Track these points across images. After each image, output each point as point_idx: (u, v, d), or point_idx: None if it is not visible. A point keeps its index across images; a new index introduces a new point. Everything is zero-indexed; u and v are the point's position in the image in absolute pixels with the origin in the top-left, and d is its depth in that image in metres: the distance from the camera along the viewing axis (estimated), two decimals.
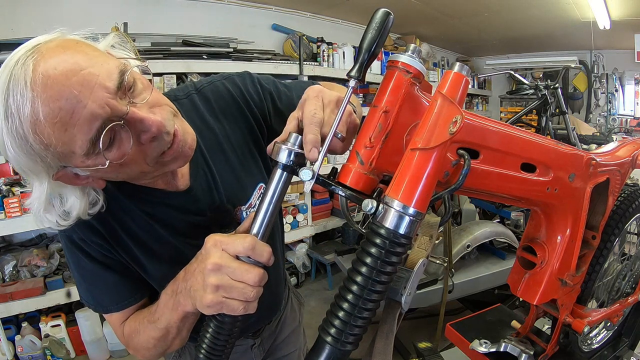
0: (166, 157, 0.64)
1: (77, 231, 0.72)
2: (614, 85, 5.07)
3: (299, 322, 1.21)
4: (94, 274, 0.76)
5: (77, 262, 0.76)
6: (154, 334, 0.72)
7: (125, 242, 0.76)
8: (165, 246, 0.79)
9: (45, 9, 2.50)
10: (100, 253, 0.75)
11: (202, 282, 0.58)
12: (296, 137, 0.56)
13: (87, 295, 0.80)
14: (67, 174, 0.61)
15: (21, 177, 2.34)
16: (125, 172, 0.63)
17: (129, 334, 0.78)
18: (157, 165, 0.65)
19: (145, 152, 0.62)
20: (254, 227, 0.60)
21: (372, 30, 0.53)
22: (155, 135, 0.60)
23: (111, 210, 0.73)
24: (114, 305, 0.78)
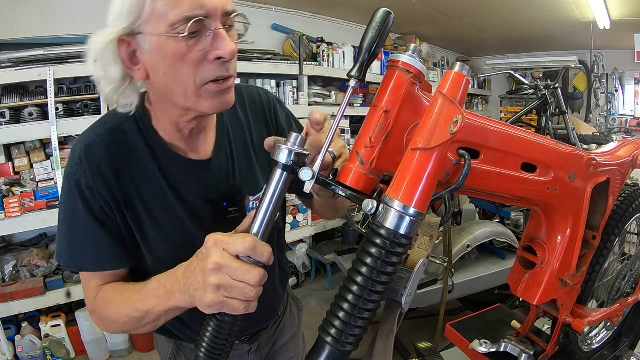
0: (211, 87, 0.68)
1: (88, 177, 0.72)
2: (614, 85, 5.07)
3: (297, 328, 1.19)
4: (84, 227, 0.74)
5: (73, 209, 0.74)
6: (129, 312, 0.71)
7: (133, 202, 0.76)
8: (170, 215, 0.79)
9: (45, 9, 2.50)
10: (101, 208, 0.74)
11: (203, 281, 0.58)
12: (296, 137, 0.56)
13: (65, 249, 0.77)
14: (131, 43, 0.66)
15: (21, 177, 2.34)
16: (178, 74, 0.65)
17: (101, 301, 0.77)
18: (198, 94, 0.68)
19: (203, 68, 0.66)
20: (254, 227, 0.60)
21: (373, 30, 0.53)
22: (224, 57, 0.65)
23: (129, 167, 0.76)
24: (92, 264, 0.76)
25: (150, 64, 0.68)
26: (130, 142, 0.77)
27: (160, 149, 0.79)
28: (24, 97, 2.33)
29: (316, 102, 3.56)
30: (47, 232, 2.65)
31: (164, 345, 1.02)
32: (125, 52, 0.67)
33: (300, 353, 1.19)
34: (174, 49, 0.63)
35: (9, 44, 2.36)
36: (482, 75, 4.96)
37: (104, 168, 0.74)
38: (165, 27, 0.62)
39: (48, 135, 2.30)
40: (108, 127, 0.78)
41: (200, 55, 0.65)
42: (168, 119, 0.76)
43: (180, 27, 0.62)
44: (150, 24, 0.63)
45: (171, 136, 0.79)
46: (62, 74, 2.31)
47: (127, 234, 0.78)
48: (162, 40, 0.63)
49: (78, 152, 0.75)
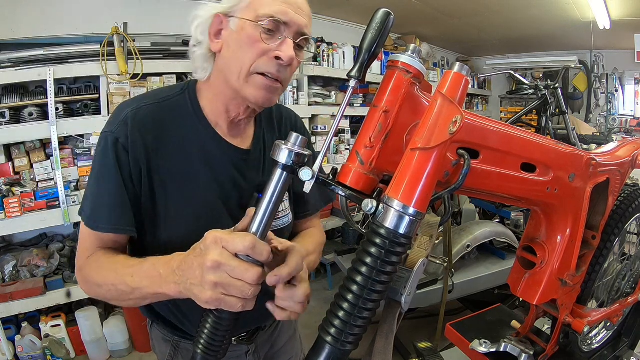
0: (259, 79, 0.77)
1: (128, 139, 0.77)
2: (614, 85, 5.07)
3: (294, 330, 1.19)
4: (110, 186, 0.78)
5: (104, 166, 0.78)
6: (116, 283, 0.71)
7: (166, 173, 0.81)
8: (200, 192, 0.83)
9: (45, 9, 2.50)
10: (130, 172, 0.78)
11: (201, 278, 0.58)
12: (296, 137, 0.56)
13: (88, 206, 0.80)
14: (223, 21, 0.80)
15: (21, 177, 2.34)
16: (241, 53, 0.77)
17: (91, 262, 0.78)
18: (246, 79, 0.78)
19: (261, 59, 0.76)
20: (253, 226, 0.60)
21: (373, 30, 0.53)
22: (282, 58, 0.76)
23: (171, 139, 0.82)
24: (107, 224, 0.78)
25: (227, 40, 0.79)
26: (176, 116, 0.84)
27: (205, 127, 0.85)
28: (24, 97, 2.33)
29: (316, 102, 3.56)
30: (47, 232, 2.65)
31: (161, 348, 1.01)
32: (215, 26, 0.80)
33: (299, 354, 1.19)
34: (250, 33, 0.76)
35: (9, 44, 2.36)
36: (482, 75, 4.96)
37: (145, 135, 0.79)
38: (252, 16, 0.76)
39: (48, 135, 2.30)
40: (159, 98, 0.85)
41: (265, 48, 0.76)
42: (221, 99, 0.84)
43: (263, 21, 0.75)
44: (244, 11, 0.77)
45: (217, 116, 0.86)
46: (62, 74, 2.32)
47: (147, 203, 0.81)
48: (245, 24, 0.76)
49: (125, 114, 0.79)
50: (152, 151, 0.80)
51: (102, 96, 2.48)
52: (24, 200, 2.25)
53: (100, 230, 0.79)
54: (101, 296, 0.77)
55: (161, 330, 0.99)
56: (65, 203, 2.35)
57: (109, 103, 2.47)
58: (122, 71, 2.45)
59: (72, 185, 2.45)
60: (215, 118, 0.86)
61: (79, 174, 2.49)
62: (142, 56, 2.54)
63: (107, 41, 2.44)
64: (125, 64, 2.46)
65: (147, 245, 0.84)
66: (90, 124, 2.43)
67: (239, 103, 0.83)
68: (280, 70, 0.78)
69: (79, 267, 0.81)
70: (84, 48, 2.44)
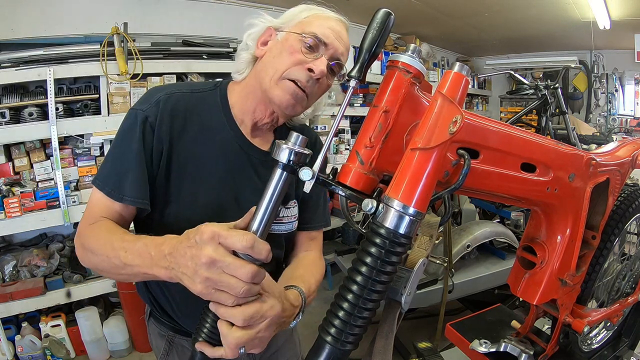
0: (288, 83, 0.83)
1: (157, 119, 0.82)
2: (614, 85, 5.07)
3: (292, 331, 1.18)
4: (135, 159, 0.81)
5: (131, 140, 0.82)
6: (110, 256, 0.72)
7: (186, 158, 0.86)
8: (213, 181, 0.88)
9: (45, 9, 2.50)
10: (152, 150, 0.83)
11: (193, 270, 0.57)
12: (297, 137, 0.56)
13: (112, 177, 0.82)
14: (272, 33, 0.90)
15: (21, 177, 2.34)
16: (279, 59, 0.84)
17: (92, 230, 0.79)
18: (277, 82, 0.84)
19: (295, 67, 0.83)
20: (253, 224, 0.60)
21: (373, 30, 0.53)
22: (313, 70, 0.82)
23: (197, 127, 0.87)
24: (132, 196, 0.81)
25: (271, 48, 0.88)
26: (205, 108, 0.90)
27: (230, 122, 0.91)
28: (24, 97, 2.33)
29: None
30: (47, 232, 2.65)
31: (157, 343, 1.03)
32: (265, 36, 0.90)
33: (298, 355, 1.18)
34: (293, 43, 0.84)
35: (9, 44, 2.36)
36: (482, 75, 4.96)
37: (173, 119, 0.85)
38: (299, 31, 0.85)
39: (48, 135, 2.30)
40: (192, 89, 0.91)
41: (301, 59, 0.83)
42: (251, 99, 0.90)
43: (307, 36, 0.84)
44: (293, 27, 0.87)
45: (244, 114, 0.92)
46: (62, 74, 2.31)
47: (162, 183, 0.85)
48: (291, 36, 0.85)
49: (158, 96, 0.85)
50: (177, 135, 0.85)
51: (102, 96, 2.47)
52: (24, 200, 2.25)
53: (123, 201, 0.81)
54: (94, 265, 0.78)
55: (157, 325, 1.02)
56: (65, 203, 2.35)
57: (109, 103, 2.47)
58: (122, 71, 2.45)
59: (72, 185, 2.45)
60: (241, 116, 0.92)
61: (79, 174, 2.49)
62: (142, 56, 2.54)
63: (107, 41, 2.43)
64: (125, 64, 2.46)
65: (154, 222, 0.87)
66: (90, 124, 2.43)
67: (266, 106, 0.89)
68: (310, 82, 0.83)
69: (79, 233, 0.82)
70: (84, 48, 2.44)
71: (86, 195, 2.47)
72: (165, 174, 0.85)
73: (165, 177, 0.85)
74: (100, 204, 0.83)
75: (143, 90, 2.56)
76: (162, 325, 1.00)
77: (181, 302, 0.93)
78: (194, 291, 0.58)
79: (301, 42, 0.84)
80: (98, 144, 2.50)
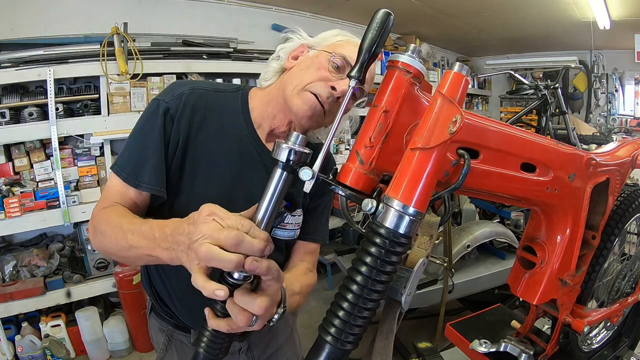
0: (308, 95, 0.86)
1: (178, 111, 0.86)
2: (614, 85, 5.07)
3: (291, 330, 1.19)
4: (155, 147, 0.84)
5: (152, 128, 0.85)
6: (118, 237, 0.73)
7: (201, 153, 0.88)
8: (225, 179, 0.90)
9: (45, 9, 2.50)
10: (169, 140, 0.86)
11: (187, 246, 0.57)
12: (297, 136, 0.56)
13: (131, 163, 0.85)
14: (304, 51, 0.94)
15: (21, 177, 2.34)
16: (305, 73, 0.88)
17: (106, 212, 0.80)
18: (298, 93, 0.87)
19: (318, 83, 0.86)
20: (255, 219, 0.59)
21: (373, 30, 0.53)
22: (335, 88, 0.85)
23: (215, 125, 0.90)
24: (150, 183, 0.84)
25: (300, 62, 0.92)
26: (225, 108, 0.93)
27: (248, 125, 0.94)
28: (24, 97, 2.33)
29: None
30: (47, 232, 2.65)
31: (157, 338, 1.05)
32: (297, 51, 0.94)
33: (298, 355, 1.19)
34: (321, 60, 0.88)
35: (9, 44, 2.36)
36: (482, 75, 4.96)
37: (194, 113, 0.88)
38: (330, 50, 0.89)
39: (48, 135, 2.30)
40: (215, 88, 0.95)
41: (326, 76, 0.87)
42: (272, 105, 0.93)
43: (336, 57, 0.87)
44: (325, 46, 0.91)
45: (263, 119, 0.94)
46: (62, 74, 2.32)
47: (175, 175, 0.88)
48: (321, 54, 0.90)
49: (181, 90, 0.88)
50: (195, 130, 0.88)
51: (102, 96, 2.48)
52: (24, 200, 2.25)
53: (140, 188, 0.84)
54: (103, 247, 0.79)
55: (157, 320, 1.04)
56: (65, 203, 2.35)
57: (109, 103, 2.48)
58: (122, 71, 2.45)
59: (72, 185, 2.45)
60: (260, 120, 0.95)
61: (79, 174, 2.49)
62: (142, 56, 2.54)
63: (107, 41, 2.44)
64: (125, 64, 2.46)
65: (164, 213, 0.88)
66: (90, 124, 2.43)
67: (285, 115, 0.92)
68: (330, 98, 0.86)
69: (93, 216, 0.84)
70: (84, 48, 2.44)
71: (86, 195, 2.48)
72: (179, 166, 0.88)
73: (180, 170, 0.88)
74: (115, 190, 0.85)
75: (143, 90, 2.56)
76: (162, 320, 1.02)
77: (180, 294, 0.94)
78: (190, 269, 0.57)
79: (330, 61, 0.87)
80: (98, 144, 2.50)
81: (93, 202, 2.42)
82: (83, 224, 2.50)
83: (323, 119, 0.90)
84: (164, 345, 1.02)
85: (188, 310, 0.96)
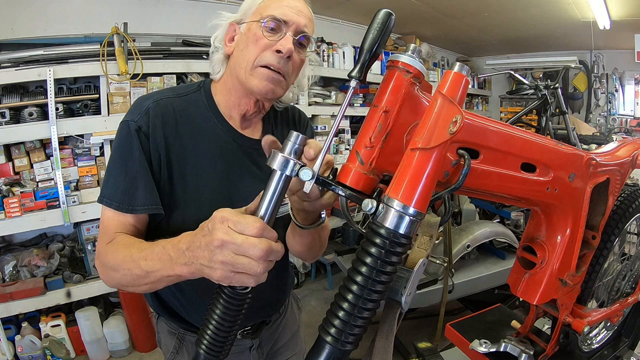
0: (262, 70, 0.86)
1: (149, 126, 0.84)
2: (614, 85, 5.07)
3: (298, 327, 1.21)
4: (140, 168, 0.83)
5: (130, 151, 0.84)
6: (131, 267, 0.72)
7: (185, 157, 0.88)
8: (214, 174, 0.91)
9: (45, 9, 2.50)
10: (150, 155, 0.85)
11: (209, 257, 0.57)
12: (297, 136, 0.56)
13: (118, 191, 0.83)
14: (235, 28, 0.91)
15: (21, 177, 2.34)
16: (247, 50, 0.87)
17: (111, 247, 0.79)
18: (252, 72, 0.86)
19: (264, 53, 0.85)
20: (260, 210, 0.59)
21: (374, 30, 0.53)
22: (282, 51, 0.84)
23: (189, 127, 0.89)
24: (144, 204, 0.83)
25: (237, 42, 0.90)
26: (193, 109, 0.92)
27: (219, 119, 0.94)
28: (24, 97, 2.33)
29: (316, 102, 3.56)
30: (47, 232, 2.65)
31: (166, 341, 1.03)
32: (229, 33, 0.93)
33: (302, 351, 1.20)
34: (255, 32, 0.86)
35: (9, 44, 2.36)
36: (482, 75, 4.95)
37: (165, 124, 0.87)
38: (258, 17, 0.86)
39: (48, 135, 2.30)
40: (178, 93, 0.94)
41: (267, 43, 0.85)
42: (234, 94, 0.93)
43: (267, 21, 0.85)
44: (252, 15, 0.89)
45: (231, 109, 0.95)
46: (62, 74, 2.31)
47: (166, 188, 0.87)
48: (252, 25, 0.87)
49: (146, 105, 0.87)
50: (171, 139, 0.87)
51: (102, 96, 2.48)
52: (24, 200, 2.25)
53: (137, 211, 0.83)
54: (117, 281, 0.78)
55: (167, 322, 1.02)
56: (65, 203, 2.35)
57: (109, 103, 2.47)
58: (122, 71, 2.45)
59: (72, 185, 2.45)
60: (228, 112, 0.95)
61: (79, 174, 2.49)
62: (142, 56, 2.54)
63: (107, 41, 2.43)
64: (125, 64, 2.46)
65: (163, 228, 0.88)
66: (90, 124, 2.43)
67: (249, 97, 0.92)
68: (282, 63, 0.85)
69: (98, 254, 0.83)
70: (84, 48, 2.44)
71: (86, 195, 2.48)
72: (167, 177, 0.87)
73: (169, 182, 0.87)
74: (112, 222, 0.83)
75: (143, 91, 2.56)
76: (173, 322, 1.00)
77: (192, 296, 0.93)
78: (215, 279, 0.58)
79: (262, 28, 0.85)
80: (98, 144, 2.50)
81: (93, 202, 2.43)
82: (83, 224, 2.50)
83: (287, 82, 0.90)
84: (174, 348, 1.00)
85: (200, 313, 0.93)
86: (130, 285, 0.76)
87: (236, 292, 0.60)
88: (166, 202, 0.87)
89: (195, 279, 0.63)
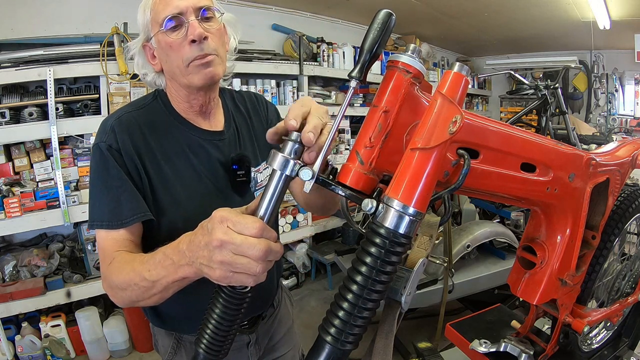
0: (195, 64, 0.87)
1: (118, 142, 0.86)
2: (614, 85, 5.07)
3: (292, 322, 1.23)
4: (121, 183, 0.85)
5: (107, 169, 0.85)
6: (137, 282, 0.72)
7: (160, 163, 0.91)
8: (191, 173, 0.94)
9: (45, 9, 2.50)
10: (128, 168, 0.87)
11: (209, 256, 0.57)
12: (297, 136, 0.56)
13: (104, 210, 0.84)
14: (150, 47, 0.93)
15: (21, 177, 2.34)
16: (171, 59, 0.89)
17: (112, 268, 0.79)
18: (187, 72, 0.88)
19: (184, 50, 0.87)
20: (260, 210, 0.59)
21: (374, 30, 0.53)
22: (195, 39, 0.85)
23: (156, 136, 0.92)
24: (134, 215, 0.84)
25: (159, 56, 0.93)
26: (155, 117, 0.95)
27: (180, 121, 0.97)
28: (24, 97, 2.33)
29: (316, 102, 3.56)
30: (47, 232, 2.65)
31: (163, 342, 1.03)
32: (149, 53, 0.95)
33: (297, 346, 1.22)
34: (165, 41, 0.88)
35: (9, 44, 2.36)
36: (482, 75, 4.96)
37: (132, 137, 0.89)
38: (158, 27, 0.88)
39: (48, 135, 2.30)
40: (137, 106, 0.96)
41: (180, 41, 0.87)
42: (183, 98, 0.96)
43: (165, 25, 0.86)
44: (152, 28, 0.90)
45: (186, 112, 0.98)
46: (62, 74, 2.31)
47: (149, 196, 0.89)
48: (159, 37, 0.89)
49: (110, 124, 0.89)
50: (142, 149, 0.89)
51: (102, 96, 2.48)
52: (24, 200, 2.25)
53: (127, 224, 0.83)
54: (128, 300, 0.78)
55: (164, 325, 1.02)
56: (65, 203, 2.35)
57: (109, 103, 2.47)
58: (122, 71, 2.45)
59: (72, 185, 2.45)
60: (186, 113, 0.98)
61: (79, 174, 2.49)
62: None
63: (107, 41, 2.44)
64: (125, 64, 2.46)
65: (157, 236, 0.88)
66: (90, 124, 2.43)
67: (197, 92, 0.94)
68: (203, 48, 0.87)
69: (103, 277, 0.82)
70: (84, 48, 2.44)
71: (86, 195, 2.47)
72: (149, 184, 0.89)
73: (150, 187, 0.89)
74: (107, 242, 0.84)
75: (143, 91, 2.56)
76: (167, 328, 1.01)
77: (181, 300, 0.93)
78: (214, 278, 0.58)
79: (166, 33, 0.87)
80: None
81: None
82: (83, 224, 2.50)
83: (220, 57, 0.91)
84: (172, 348, 1.01)
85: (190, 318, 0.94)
86: (140, 299, 0.75)
87: (235, 291, 0.60)
88: (153, 209, 0.88)
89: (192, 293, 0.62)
